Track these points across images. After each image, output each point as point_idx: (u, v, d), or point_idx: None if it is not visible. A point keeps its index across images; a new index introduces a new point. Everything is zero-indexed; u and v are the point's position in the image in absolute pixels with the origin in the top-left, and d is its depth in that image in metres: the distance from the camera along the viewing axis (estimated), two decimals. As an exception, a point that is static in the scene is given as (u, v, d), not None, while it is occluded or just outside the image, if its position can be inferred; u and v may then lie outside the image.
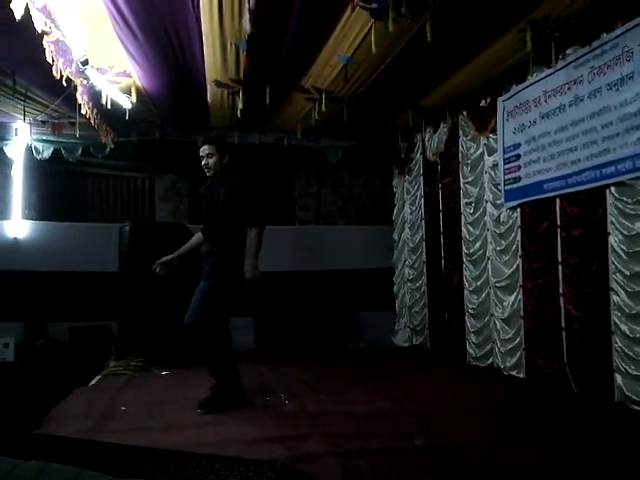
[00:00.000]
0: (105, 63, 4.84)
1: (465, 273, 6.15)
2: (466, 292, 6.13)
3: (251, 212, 4.15)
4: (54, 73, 4.11)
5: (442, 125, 6.51)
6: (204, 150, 4.15)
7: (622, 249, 4.07)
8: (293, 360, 6.31)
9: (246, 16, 3.93)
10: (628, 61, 3.97)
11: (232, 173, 4.26)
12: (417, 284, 7.32)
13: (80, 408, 4.29)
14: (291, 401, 4.39)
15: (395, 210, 7.86)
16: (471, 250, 6.03)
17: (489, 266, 5.71)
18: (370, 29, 4.14)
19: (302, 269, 7.57)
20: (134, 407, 4.33)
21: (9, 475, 0.99)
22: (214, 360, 4.18)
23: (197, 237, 4.46)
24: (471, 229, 6.04)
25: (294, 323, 7.13)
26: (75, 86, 4.84)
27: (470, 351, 6.05)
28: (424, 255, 7.12)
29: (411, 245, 7.46)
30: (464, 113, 6.07)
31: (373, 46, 4.18)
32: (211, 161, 4.14)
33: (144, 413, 4.16)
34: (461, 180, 6.19)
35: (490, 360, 5.70)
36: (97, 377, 5.49)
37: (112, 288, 6.75)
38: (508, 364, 5.38)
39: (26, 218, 7.08)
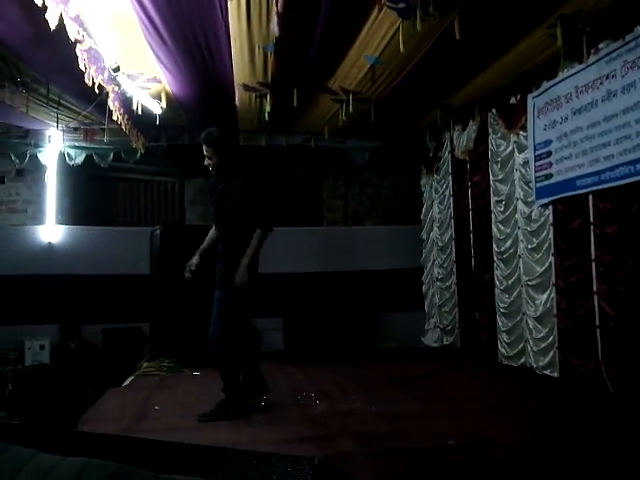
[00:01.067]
0: (136, 69, 4.93)
1: (496, 272, 6.08)
2: (497, 291, 6.06)
3: (258, 212, 4.04)
4: (86, 81, 4.21)
5: (471, 123, 6.45)
6: (204, 150, 4.05)
7: (658, 246, 3.99)
8: (322, 361, 6.32)
9: (274, 19, 3.95)
10: (662, 54, 3.89)
11: (239, 171, 4.12)
12: (447, 283, 7.26)
13: (114, 408, 4.38)
14: (322, 401, 4.40)
15: (423, 209, 7.82)
16: (502, 248, 5.96)
17: (520, 264, 5.63)
18: (398, 29, 4.12)
19: (331, 270, 7.57)
20: (167, 407, 4.40)
21: (52, 471, 1.02)
22: (229, 368, 4.10)
23: (213, 231, 4.40)
24: (502, 227, 5.97)
25: (323, 324, 7.13)
26: (107, 93, 4.94)
27: (502, 350, 5.98)
28: (454, 254, 7.07)
29: (440, 244, 7.41)
30: (493, 111, 6.01)
31: (401, 46, 4.15)
32: (211, 162, 4.05)
33: (177, 413, 4.23)
34: (491, 178, 6.13)
35: (523, 359, 5.62)
36: (130, 378, 5.59)
37: (144, 290, 6.87)
38: (541, 363, 5.30)
39: (60, 223, 7.24)
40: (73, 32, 3.64)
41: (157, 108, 5.55)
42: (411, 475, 2.85)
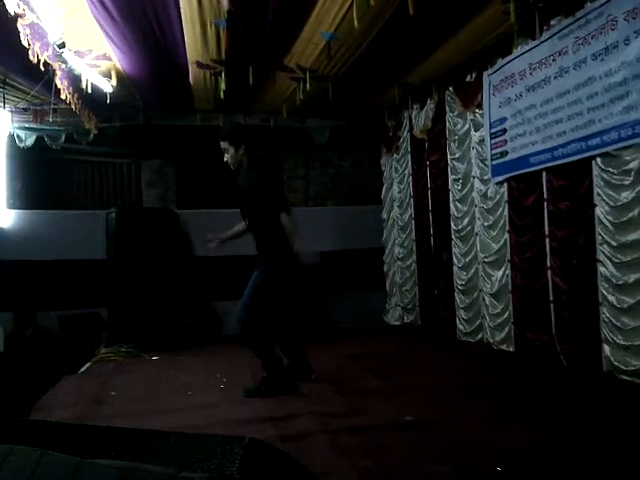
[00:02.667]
0: (83, 46, 4.75)
1: (454, 250, 6.14)
2: (455, 269, 6.14)
3: (277, 199, 4.15)
4: (31, 57, 4.03)
5: (429, 101, 6.45)
6: (222, 147, 4.18)
7: (609, 220, 4.07)
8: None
9: (224, -8, 3.85)
10: (612, 30, 3.92)
11: (253, 164, 4.21)
12: (407, 262, 7.31)
13: (70, 395, 4.30)
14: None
15: (384, 189, 7.83)
16: (459, 226, 6.01)
17: (477, 242, 5.70)
18: (352, 4, 4.06)
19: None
20: (125, 392, 4.34)
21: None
22: (258, 347, 4.18)
23: (242, 225, 4.40)
24: (459, 205, 6.02)
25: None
26: (54, 71, 4.76)
27: (460, 327, 6.07)
28: (413, 233, 7.11)
29: (400, 224, 7.45)
30: (450, 89, 6.02)
31: (355, 22, 4.10)
32: (228, 156, 4.17)
33: (135, 398, 4.17)
34: (448, 157, 6.16)
35: (480, 335, 5.72)
36: (87, 364, 5.49)
37: (101, 275, 6.72)
38: (497, 338, 5.40)
39: (11, 207, 6.99)
40: (12, 5, 3.48)
41: (108, 86, 5.38)
42: (367, 451, 2.86)
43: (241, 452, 0.97)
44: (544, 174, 4.75)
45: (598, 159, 4.15)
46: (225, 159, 4.19)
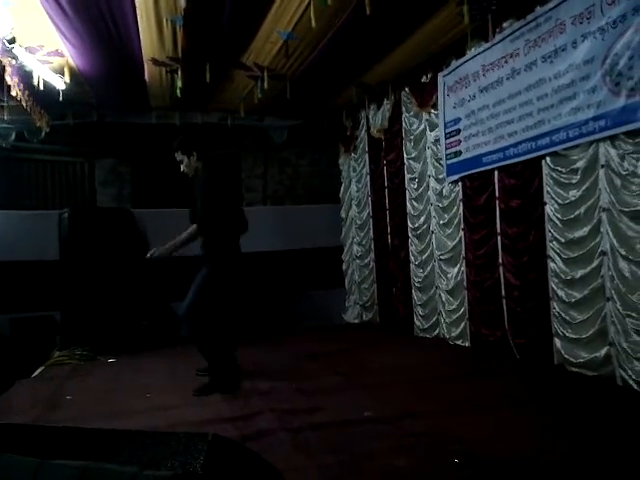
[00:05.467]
0: (34, 42, 4.63)
1: (411, 248, 6.24)
2: (412, 266, 6.24)
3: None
4: (-23, 52, 3.91)
5: (385, 102, 6.54)
6: (177, 160, 4.26)
7: (557, 217, 4.22)
8: (245, 341, 6.27)
9: (180, -10, 3.82)
10: (561, 33, 4.06)
11: (207, 167, 4.30)
12: (365, 261, 7.39)
13: (24, 400, 4.18)
14: (242, 381, 4.37)
15: (342, 188, 7.89)
16: (416, 225, 6.12)
17: (433, 240, 5.82)
18: (309, 4, 4.09)
19: (251, 250, 7.48)
20: (81, 396, 4.25)
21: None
22: (206, 346, 4.26)
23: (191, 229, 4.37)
24: (415, 204, 6.12)
25: (243, 305, 7.09)
26: (3, 66, 4.62)
27: (417, 323, 6.17)
28: (371, 232, 7.19)
29: (359, 222, 7.52)
30: (406, 89, 6.11)
31: (313, 21, 4.11)
32: (183, 166, 4.25)
33: (91, 401, 4.09)
34: (405, 156, 6.25)
35: (437, 331, 5.84)
36: (40, 368, 5.34)
37: (54, 277, 6.54)
38: (453, 334, 5.52)
39: (-42, 207, 6.75)
40: (-42, -2, 3.37)
41: (60, 83, 5.25)
42: (328, 447, 2.89)
43: (205, 449, 0.98)
44: (496, 173, 4.89)
45: (547, 158, 4.30)
46: (182, 169, 4.28)
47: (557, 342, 4.28)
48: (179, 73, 5.41)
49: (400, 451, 2.78)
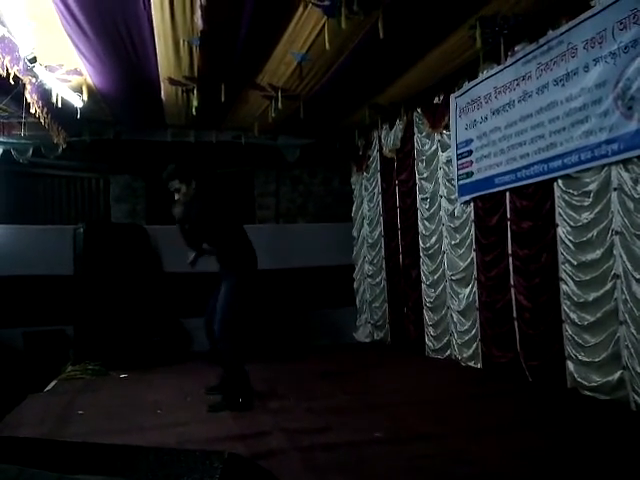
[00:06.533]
0: (54, 61, 4.73)
1: (422, 267, 6.25)
2: (424, 286, 6.23)
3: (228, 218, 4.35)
4: (0, 71, 4.00)
5: (398, 122, 6.59)
6: (173, 188, 4.31)
7: (570, 240, 4.21)
8: (256, 359, 6.27)
9: (198, 12, 3.89)
10: (573, 57, 4.10)
11: (199, 193, 4.37)
12: (377, 280, 7.39)
13: (36, 414, 4.20)
14: (254, 399, 4.37)
15: (354, 207, 7.93)
16: (427, 244, 6.13)
17: (445, 260, 5.82)
18: (323, 26, 4.16)
19: (264, 268, 7.51)
20: (92, 411, 4.26)
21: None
22: (232, 361, 4.26)
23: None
24: (427, 224, 6.14)
25: (257, 322, 7.10)
26: (23, 85, 4.72)
27: (429, 344, 6.15)
28: (383, 251, 7.20)
29: (370, 241, 7.54)
30: (418, 110, 6.16)
31: (327, 43, 4.20)
32: (180, 194, 4.30)
33: (102, 416, 4.10)
34: (417, 176, 6.28)
35: (448, 352, 5.81)
36: (53, 382, 5.37)
37: (68, 292, 6.59)
38: (465, 355, 5.49)
39: (-25, 221, 6.85)
40: (-17, 19, 3.46)
41: (78, 101, 5.34)
42: (338, 467, 2.89)
43: (221, 467, 1.00)
44: (508, 194, 4.90)
45: (559, 181, 4.31)
46: (176, 198, 4.33)
47: (570, 365, 4.24)
48: (195, 92, 5.49)
49: (410, 473, 2.77)
